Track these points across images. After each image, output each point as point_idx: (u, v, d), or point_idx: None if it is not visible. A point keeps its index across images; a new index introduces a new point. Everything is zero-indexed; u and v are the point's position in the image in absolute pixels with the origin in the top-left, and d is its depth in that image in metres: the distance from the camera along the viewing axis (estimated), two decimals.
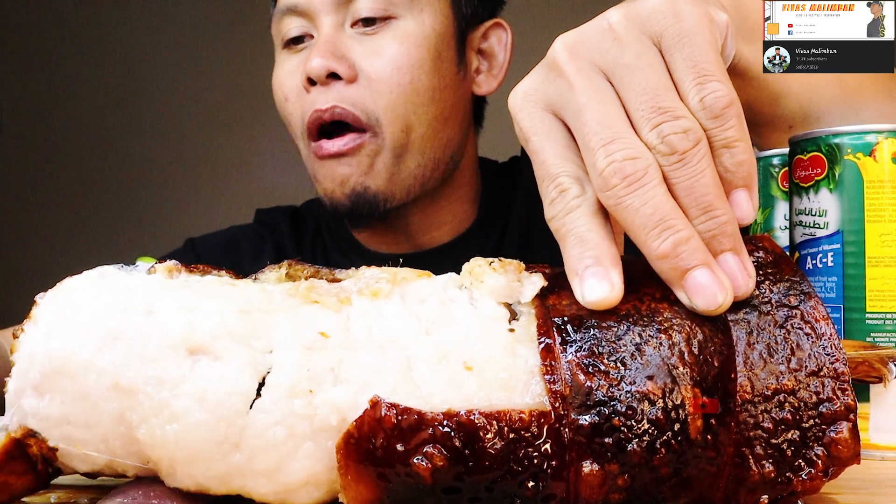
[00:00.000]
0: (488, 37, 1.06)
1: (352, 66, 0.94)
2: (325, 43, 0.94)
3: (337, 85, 0.94)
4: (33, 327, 0.42)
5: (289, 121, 1.00)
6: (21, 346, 0.42)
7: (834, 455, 0.40)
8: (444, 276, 0.45)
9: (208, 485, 0.40)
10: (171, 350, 0.40)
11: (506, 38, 1.06)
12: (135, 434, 0.40)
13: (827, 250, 0.57)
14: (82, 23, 2.96)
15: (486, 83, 1.06)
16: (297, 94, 0.97)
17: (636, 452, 0.38)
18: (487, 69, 1.06)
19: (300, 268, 0.46)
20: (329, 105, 0.93)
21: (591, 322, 0.40)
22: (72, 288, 0.43)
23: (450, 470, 0.37)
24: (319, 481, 0.40)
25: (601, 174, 0.41)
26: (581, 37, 0.45)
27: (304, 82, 0.95)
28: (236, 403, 0.39)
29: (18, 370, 0.42)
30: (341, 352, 0.40)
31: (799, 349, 0.40)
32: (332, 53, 0.93)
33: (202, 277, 0.45)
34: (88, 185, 2.95)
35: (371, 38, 0.95)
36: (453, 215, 1.07)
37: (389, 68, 0.94)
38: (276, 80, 1.01)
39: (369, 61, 0.94)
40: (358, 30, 0.95)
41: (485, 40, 1.06)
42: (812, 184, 0.58)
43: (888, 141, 0.55)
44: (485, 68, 1.06)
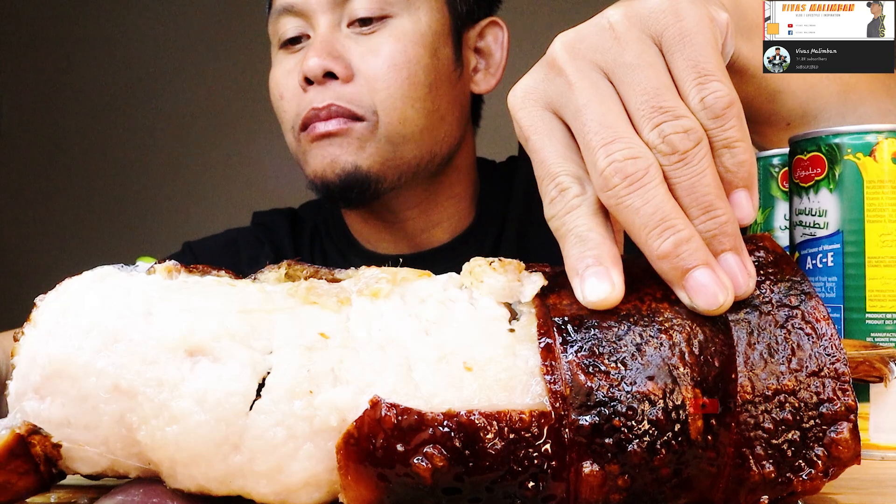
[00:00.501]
0: (484, 35, 1.06)
1: (348, 65, 0.94)
2: (321, 42, 0.94)
3: (333, 84, 0.94)
4: (33, 330, 0.42)
5: (282, 118, 1.00)
6: (21, 348, 0.42)
7: (834, 455, 0.40)
8: (444, 276, 0.45)
9: (209, 486, 0.40)
10: (170, 352, 0.40)
11: (502, 36, 1.06)
12: (135, 436, 0.40)
13: (827, 250, 0.57)
14: (82, 23, 2.96)
15: (484, 82, 1.06)
16: (294, 93, 0.97)
17: (636, 453, 0.38)
18: (485, 68, 1.06)
19: (300, 268, 0.46)
20: (325, 104, 0.94)
21: (592, 322, 0.40)
22: (71, 290, 0.43)
23: (450, 470, 0.37)
24: (320, 482, 0.40)
25: (602, 174, 0.41)
26: (581, 36, 0.45)
27: (301, 81, 0.95)
28: (236, 404, 0.39)
29: (19, 373, 0.42)
30: (341, 352, 0.40)
31: (799, 349, 0.40)
32: (329, 53, 0.94)
33: (201, 278, 0.45)
34: (88, 186, 2.95)
35: (367, 38, 0.95)
36: (451, 214, 1.07)
37: (386, 67, 0.94)
38: (273, 79, 1.01)
39: (366, 61, 0.94)
40: (354, 29, 0.96)
41: (481, 39, 1.06)
42: (812, 184, 0.58)
43: (888, 141, 0.55)
44: (482, 67, 1.06)
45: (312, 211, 1.16)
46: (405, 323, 0.41)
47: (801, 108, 0.67)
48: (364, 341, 0.41)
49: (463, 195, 1.08)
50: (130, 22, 2.94)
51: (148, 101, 2.93)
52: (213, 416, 0.39)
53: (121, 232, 2.82)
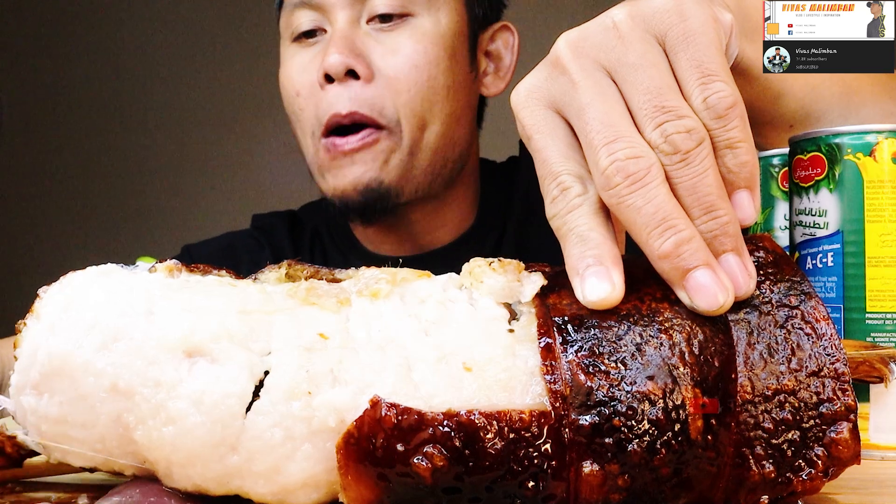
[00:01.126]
0: (496, 39, 1.06)
1: (369, 65, 0.93)
2: (341, 38, 0.92)
3: (354, 84, 0.92)
4: (36, 322, 0.42)
5: (298, 116, 0.97)
6: (24, 341, 0.42)
7: (834, 455, 0.40)
8: (444, 277, 0.45)
9: (206, 485, 0.40)
10: (169, 352, 0.40)
11: (512, 40, 1.07)
12: (132, 435, 0.40)
13: (827, 250, 0.57)
14: (83, 23, 2.96)
15: (494, 85, 1.06)
16: (311, 90, 0.95)
17: (637, 453, 0.38)
18: (494, 71, 1.07)
19: (300, 268, 0.46)
20: (348, 111, 0.92)
21: (592, 322, 0.40)
22: (75, 283, 0.43)
23: (450, 470, 0.37)
24: (318, 482, 0.40)
25: (603, 173, 0.41)
26: (585, 35, 0.45)
27: (321, 78, 0.93)
28: (232, 406, 0.39)
29: (21, 365, 0.42)
30: (340, 353, 0.40)
31: (799, 349, 0.40)
32: (351, 50, 0.92)
33: (203, 277, 0.45)
34: (88, 186, 2.94)
35: (387, 35, 0.94)
36: (455, 216, 1.07)
37: (407, 66, 0.93)
38: (286, 74, 0.98)
39: (386, 60, 0.93)
40: (374, 26, 0.94)
41: (492, 42, 1.06)
42: (812, 184, 0.58)
43: (888, 141, 0.55)
44: (492, 70, 1.06)
45: (312, 213, 1.15)
46: (405, 323, 0.41)
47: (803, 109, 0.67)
48: (363, 342, 0.41)
49: (467, 197, 1.08)
50: (131, 22, 2.94)
51: (148, 101, 2.93)
52: (209, 417, 0.39)
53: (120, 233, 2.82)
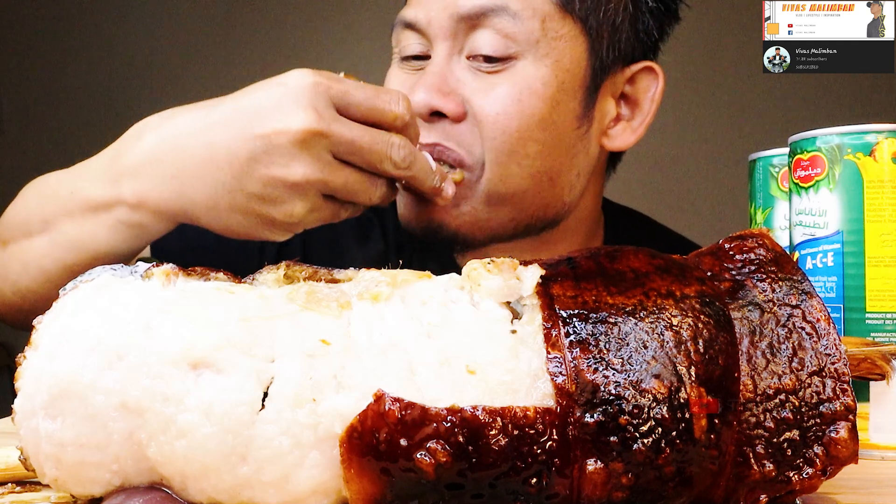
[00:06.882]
0: (635, 82, 0.91)
1: (460, 103, 0.84)
2: (432, 75, 0.85)
3: (441, 123, 0.84)
4: (34, 352, 0.42)
5: None
6: (25, 371, 0.42)
7: (833, 454, 0.40)
8: (445, 277, 0.45)
9: (219, 498, 0.40)
10: (173, 365, 0.40)
11: (655, 87, 0.91)
12: (146, 452, 0.40)
13: (827, 250, 0.57)
14: (83, 23, 2.96)
15: (621, 137, 0.92)
16: None
17: (641, 451, 0.38)
18: (628, 119, 0.92)
19: (298, 268, 0.46)
20: (431, 142, 0.84)
21: (598, 316, 0.40)
22: (68, 309, 0.43)
23: (453, 466, 0.37)
24: (328, 489, 0.39)
25: None
26: None
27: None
28: (242, 414, 0.39)
29: (25, 393, 0.41)
30: (343, 358, 0.40)
31: (800, 349, 0.40)
32: (439, 89, 0.84)
33: (199, 284, 0.44)
34: None
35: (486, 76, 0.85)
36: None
37: (495, 112, 0.83)
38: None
39: (479, 98, 0.84)
40: (475, 63, 0.85)
41: (630, 85, 0.91)
42: (812, 184, 0.58)
43: (888, 141, 0.56)
44: (626, 116, 0.92)
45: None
46: (406, 326, 0.41)
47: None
48: (365, 346, 0.40)
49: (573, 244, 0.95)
50: (131, 22, 2.94)
51: (148, 101, 2.91)
52: (219, 427, 0.39)
53: None
